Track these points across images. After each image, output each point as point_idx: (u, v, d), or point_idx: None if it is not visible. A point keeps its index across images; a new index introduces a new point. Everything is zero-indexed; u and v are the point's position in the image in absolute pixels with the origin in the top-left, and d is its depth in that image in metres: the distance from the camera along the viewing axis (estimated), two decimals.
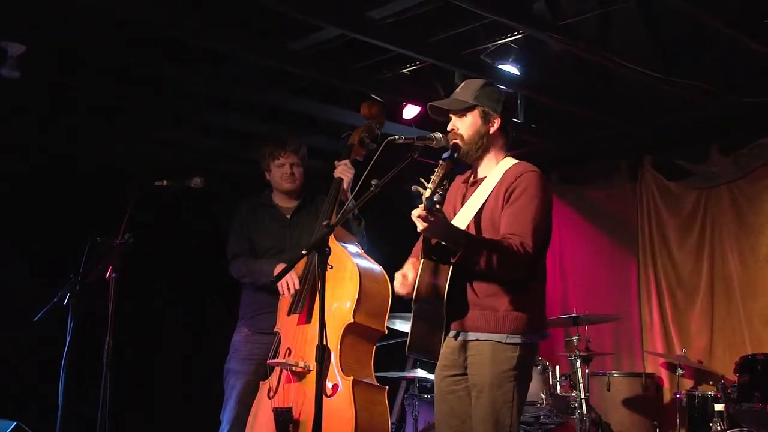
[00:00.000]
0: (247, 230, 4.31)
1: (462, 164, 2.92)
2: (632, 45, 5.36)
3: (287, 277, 3.90)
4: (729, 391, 5.06)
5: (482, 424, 2.90)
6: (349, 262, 3.75)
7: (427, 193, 2.73)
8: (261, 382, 3.97)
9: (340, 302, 3.73)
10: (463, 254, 2.83)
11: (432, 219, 2.71)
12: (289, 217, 4.32)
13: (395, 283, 3.10)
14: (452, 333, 3.01)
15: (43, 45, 4.68)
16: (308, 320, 3.81)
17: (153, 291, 6.10)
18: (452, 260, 2.88)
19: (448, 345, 3.03)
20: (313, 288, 3.83)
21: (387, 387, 3.79)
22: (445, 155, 2.89)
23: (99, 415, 3.62)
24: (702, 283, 6.18)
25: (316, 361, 2.77)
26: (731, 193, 6.13)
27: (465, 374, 3.01)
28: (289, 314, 3.90)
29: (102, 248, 3.86)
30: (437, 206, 2.72)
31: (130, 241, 3.83)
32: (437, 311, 2.92)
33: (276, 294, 4.00)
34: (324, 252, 2.81)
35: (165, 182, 4.07)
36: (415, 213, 2.72)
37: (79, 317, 3.77)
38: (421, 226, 2.73)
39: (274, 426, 3.71)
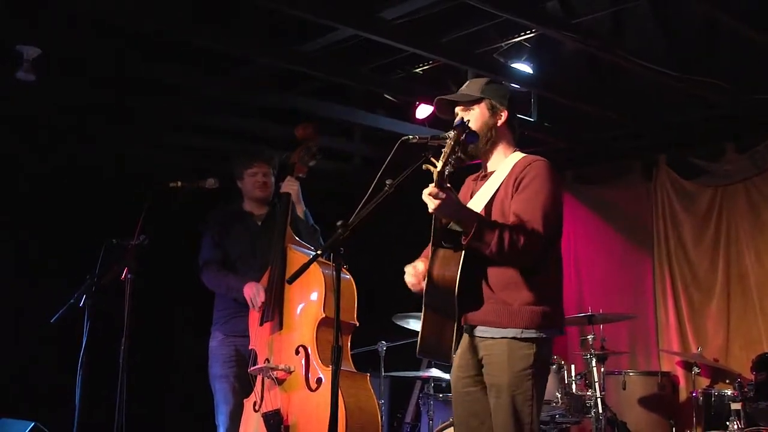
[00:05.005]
0: (219, 238, 4.42)
1: (473, 137, 2.84)
2: (646, 43, 5.32)
3: (253, 289, 4.06)
4: (746, 389, 5.01)
5: (503, 425, 2.87)
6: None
7: (438, 167, 2.68)
8: (245, 400, 4.06)
9: (309, 301, 3.88)
10: (474, 235, 2.77)
11: (443, 196, 2.69)
12: (260, 224, 4.47)
13: (406, 276, 3.09)
14: (462, 328, 2.96)
15: (55, 50, 4.71)
16: (280, 327, 3.95)
17: (168, 292, 6.12)
18: (463, 242, 2.82)
19: (462, 344, 3.00)
20: (280, 296, 3.98)
21: (368, 374, 3.90)
22: (456, 122, 2.84)
23: (115, 415, 3.65)
24: (718, 281, 6.15)
25: (331, 362, 2.77)
26: (747, 191, 6.09)
27: (479, 374, 2.98)
28: (261, 324, 4.02)
29: (117, 250, 3.90)
30: (448, 184, 2.69)
31: (145, 243, 3.86)
32: (448, 303, 2.85)
33: None
34: (339, 252, 2.81)
35: (179, 183, 4.11)
36: (426, 191, 2.70)
37: (95, 318, 3.80)
38: (432, 204, 2.70)
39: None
